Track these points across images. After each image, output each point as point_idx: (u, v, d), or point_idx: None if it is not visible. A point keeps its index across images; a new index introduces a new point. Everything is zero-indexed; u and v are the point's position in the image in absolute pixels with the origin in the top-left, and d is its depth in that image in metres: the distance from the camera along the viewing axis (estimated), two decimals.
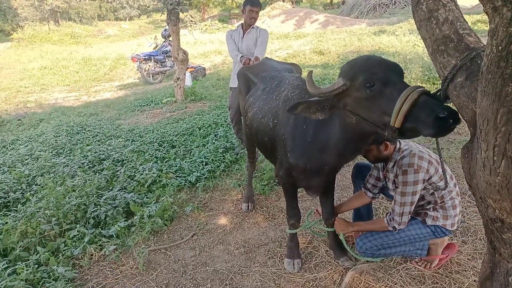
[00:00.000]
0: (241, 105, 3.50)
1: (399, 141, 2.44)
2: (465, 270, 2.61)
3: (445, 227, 2.46)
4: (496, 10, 1.09)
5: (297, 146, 2.35)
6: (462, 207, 3.30)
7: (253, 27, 4.82)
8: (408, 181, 2.29)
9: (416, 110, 1.56)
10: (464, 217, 3.21)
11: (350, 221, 2.94)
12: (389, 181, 2.53)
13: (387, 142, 2.38)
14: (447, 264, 2.68)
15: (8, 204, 4.03)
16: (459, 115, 1.51)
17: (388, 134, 1.69)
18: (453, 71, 1.47)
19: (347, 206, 2.97)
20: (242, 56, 4.61)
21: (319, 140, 2.22)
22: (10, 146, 6.38)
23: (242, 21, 4.91)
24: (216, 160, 4.75)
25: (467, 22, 1.56)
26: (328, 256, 2.95)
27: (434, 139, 1.78)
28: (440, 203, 2.44)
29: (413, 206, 2.37)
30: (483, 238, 2.89)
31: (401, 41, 12.60)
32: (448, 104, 1.56)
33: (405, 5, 24.28)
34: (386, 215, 2.51)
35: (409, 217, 2.41)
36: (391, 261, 2.77)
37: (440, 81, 1.57)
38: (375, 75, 1.74)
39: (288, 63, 3.56)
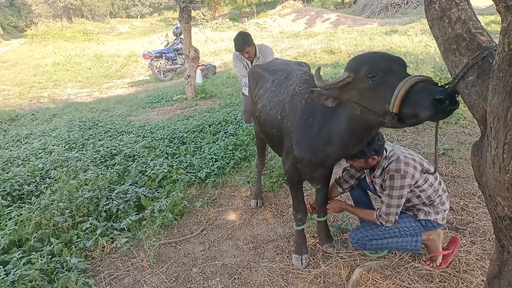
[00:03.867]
0: (250, 102, 3.50)
1: (385, 149, 2.49)
2: (473, 270, 2.61)
3: (437, 221, 2.53)
4: (509, 9, 1.11)
5: (303, 139, 2.40)
6: (471, 208, 3.31)
7: (258, 57, 4.61)
8: (395, 185, 2.36)
9: (414, 94, 1.61)
10: (473, 217, 3.20)
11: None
12: (376, 185, 2.64)
13: (375, 156, 2.43)
14: (455, 263, 2.68)
15: (23, 196, 4.12)
16: (459, 101, 1.53)
17: (388, 121, 1.73)
18: (465, 69, 1.48)
19: None
20: None
21: (325, 133, 2.27)
22: (24, 140, 6.50)
23: None
24: (225, 157, 4.79)
25: (479, 22, 1.57)
26: (335, 252, 2.97)
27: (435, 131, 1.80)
28: (429, 202, 2.52)
29: (400, 208, 2.44)
30: (492, 239, 2.88)
31: (412, 41, 12.51)
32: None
33: (417, 5, 24.06)
34: (376, 209, 2.58)
35: (396, 218, 2.47)
36: (399, 259, 2.79)
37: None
38: (377, 65, 1.80)
39: (297, 62, 3.59)
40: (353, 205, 3.02)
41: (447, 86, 1.60)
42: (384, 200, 2.43)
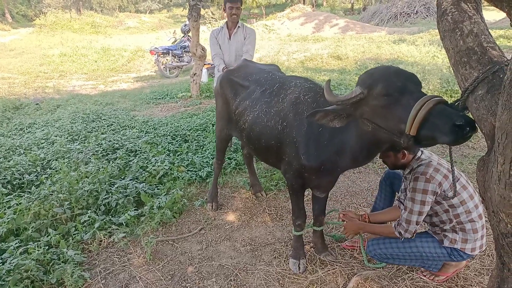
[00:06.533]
0: (223, 110, 3.34)
1: (421, 151, 2.45)
2: (471, 285, 2.59)
3: (464, 250, 2.36)
4: None
5: (312, 149, 2.37)
6: None
7: (239, 26, 4.76)
8: (417, 188, 2.27)
9: (433, 117, 1.58)
10: None
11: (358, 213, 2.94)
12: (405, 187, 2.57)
13: (405, 151, 2.39)
14: (454, 278, 2.66)
15: (23, 185, 4.12)
16: (477, 126, 1.51)
17: (404, 142, 1.71)
18: (475, 83, 1.47)
19: (380, 218, 2.88)
20: (224, 67, 4.60)
21: (335, 143, 2.25)
22: (27, 129, 6.51)
23: (225, 20, 4.85)
24: (227, 157, 4.78)
25: (491, 36, 1.56)
26: (335, 259, 2.96)
27: (448, 149, 1.78)
28: (459, 224, 2.34)
29: (422, 216, 2.31)
30: (491, 255, 2.87)
31: (420, 51, 12.47)
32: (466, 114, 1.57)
33: (426, 15, 24.10)
34: (396, 220, 2.51)
35: (417, 228, 2.36)
36: (397, 270, 2.77)
37: (459, 94, 1.58)
38: (392, 84, 1.77)
39: (270, 64, 3.45)
40: (374, 204, 3.03)
41: (457, 103, 1.59)
42: (407, 205, 2.33)
